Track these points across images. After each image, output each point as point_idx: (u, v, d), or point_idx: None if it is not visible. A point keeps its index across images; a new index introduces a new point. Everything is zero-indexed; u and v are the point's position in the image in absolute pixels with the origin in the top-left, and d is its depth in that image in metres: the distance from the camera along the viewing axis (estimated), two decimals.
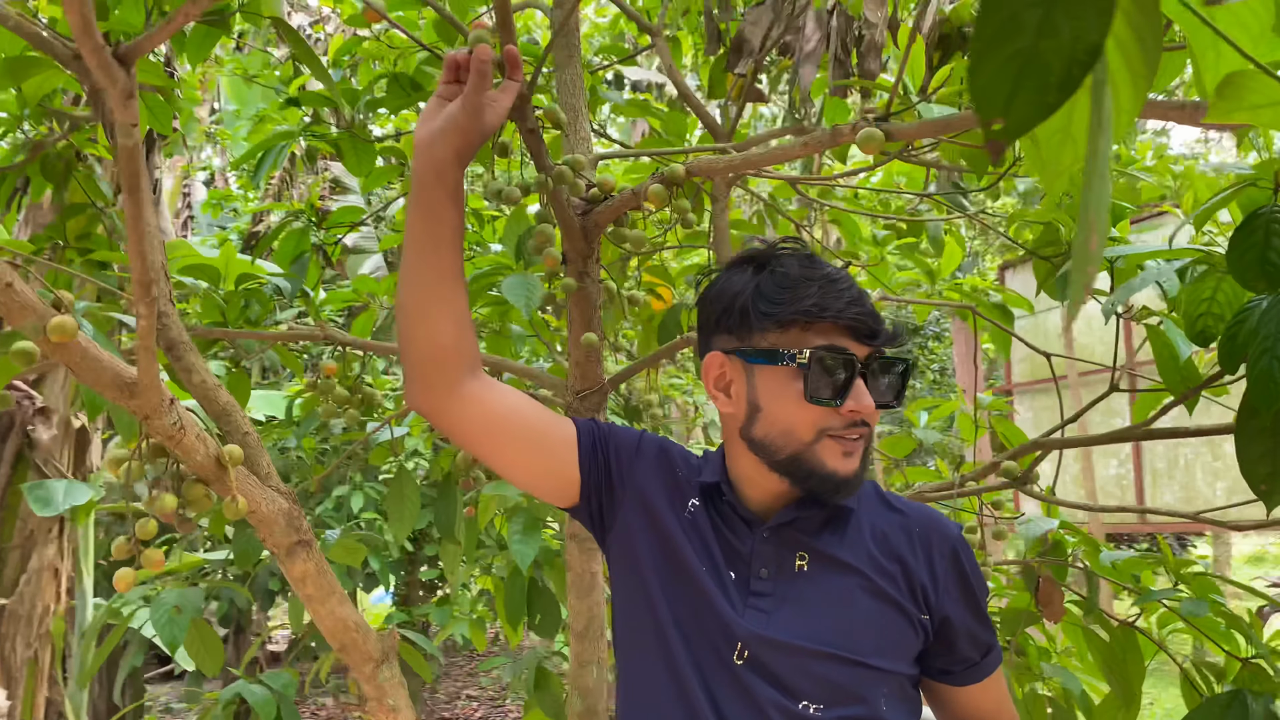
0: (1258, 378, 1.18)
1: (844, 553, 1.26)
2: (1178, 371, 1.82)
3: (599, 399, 1.73)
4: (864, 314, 1.19)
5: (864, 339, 1.20)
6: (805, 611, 1.23)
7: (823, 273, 1.22)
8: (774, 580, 1.25)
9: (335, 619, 1.41)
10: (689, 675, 1.23)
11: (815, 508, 1.26)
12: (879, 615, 1.24)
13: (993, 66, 0.49)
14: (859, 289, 1.23)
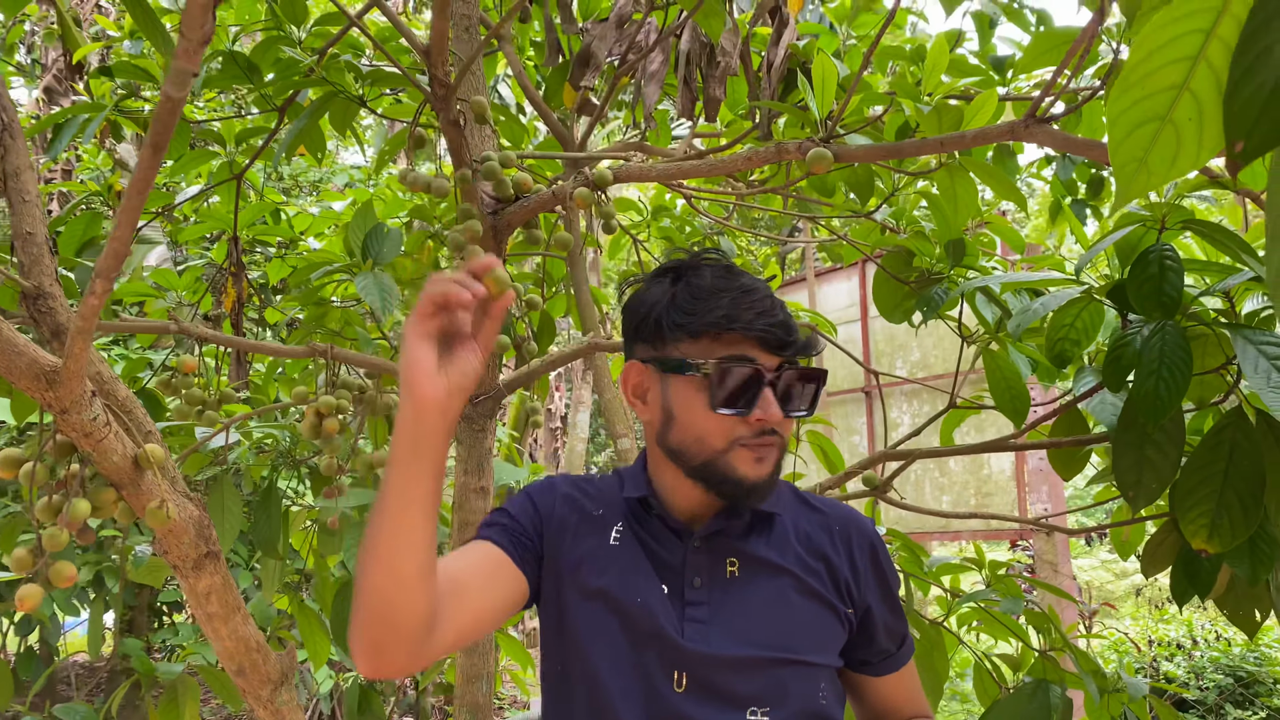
0: (1143, 396, 1.34)
1: (773, 555, 1.29)
2: (1010, 394, 2.02)
3: (493, 404, 1.68)
4: (773, 325, 1.21)
5: (774, 350, 1.22)
6: (742, 616, 1.26)
7: (738, 284, 1.23)
8: (707, 588, 1.27)
9: (237, 639, 1.29)
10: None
11: (742, 514, 1.29)
12: (811, 612, 1.29)
13: (1245, 95, 0.54)
14: (773, 300, 1.24)
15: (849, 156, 1.28)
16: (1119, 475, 1.47)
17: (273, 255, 3.54)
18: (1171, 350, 1.34)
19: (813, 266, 7.19)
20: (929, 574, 2.35)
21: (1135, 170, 0.77)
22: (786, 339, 1.21)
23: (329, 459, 1.73)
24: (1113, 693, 2.19)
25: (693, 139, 2.84)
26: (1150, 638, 7.81)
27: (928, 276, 1.91)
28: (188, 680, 2.28)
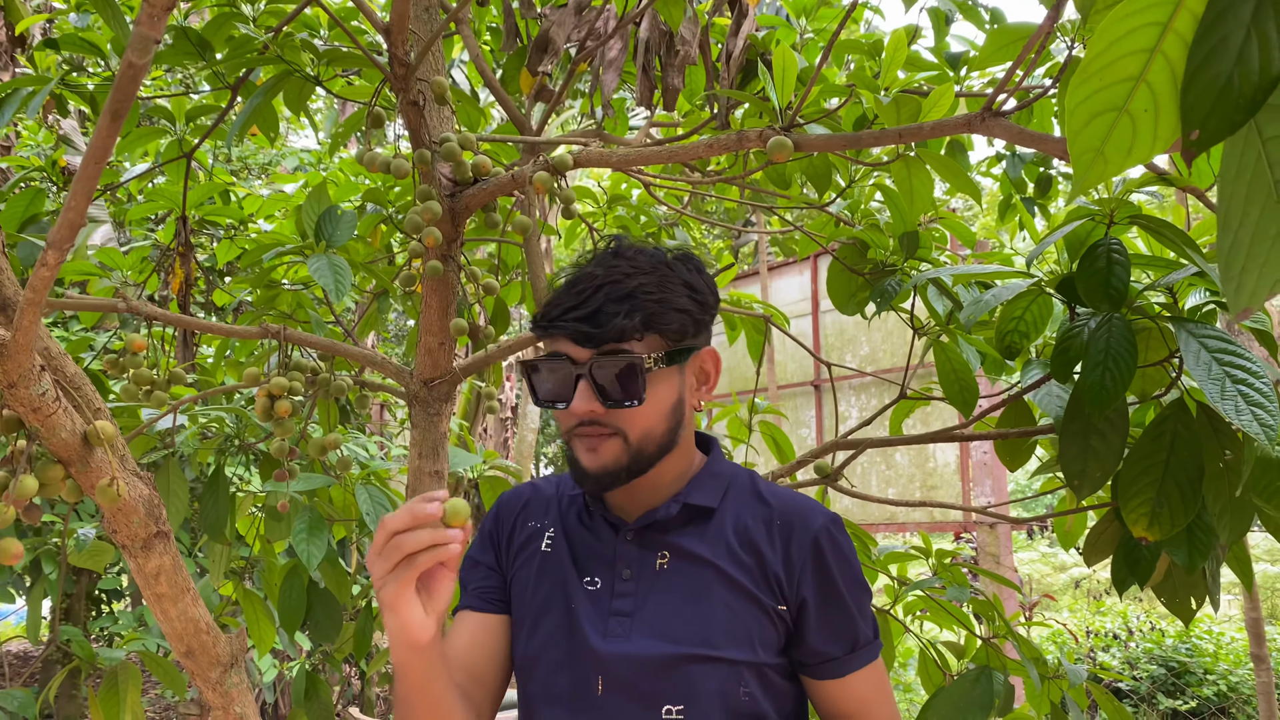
0: (1090, 386, 1.38)
1: (701, 548, 1.29)
2: (959, 385, 2.05)
3: (448, 388, 1.67)
4: (577, 319, 1.20)
5: (583, 343, 1.21)
6: (663, 610, 1.26)
7: (578, 275, 1.25)
8: (636, 580, 1.28)
9: (186, 620, 1.27)
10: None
11: (671, 506, 1.30)
12: (733, 607, 1.27)
13: (1200, 85, 0.56)
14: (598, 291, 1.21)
15: (809, 145, 1.30)
16: (1065, 464, 1.51)
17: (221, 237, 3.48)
18: (1117, 342, 1.37)
19: (765, 260, 7.24)
20: (876, 563, 2.39)
21: (1092, 159, 0.79)
22: (592, 331, 1.19)
23: (280, 442, 1.71)
24: (1053, 679, 2.24)
25: (650, 128, 2.85)
26: (1088, 629, 7.99)
27: (882, 268, 1.94)
28: (129, 667, 2.24)
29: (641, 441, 1.25)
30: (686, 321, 1.25)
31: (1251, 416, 1.27)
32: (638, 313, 1.20)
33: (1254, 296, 0.57)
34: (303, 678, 2.44)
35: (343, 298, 1.83)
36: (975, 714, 2.06)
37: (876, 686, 1.31)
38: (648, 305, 1.21)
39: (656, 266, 1.26)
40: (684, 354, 1.26)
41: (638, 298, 1.21)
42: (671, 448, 1.28)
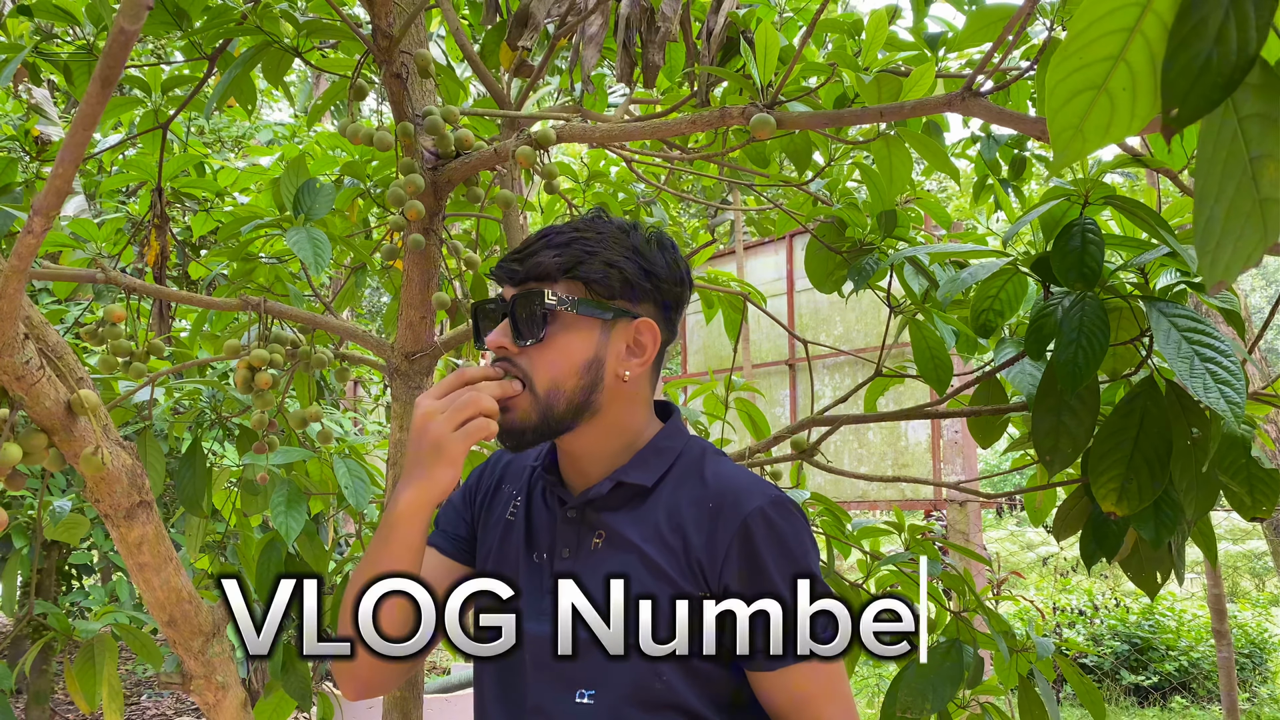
0: (1063, 364, 1.40)
1: (632, 530, 1.24)
2: (934, 363, 2.08)
3: (429, 362, 1.68)
4: (511, 260, 1.23)
5: (509, 282, 1.24)
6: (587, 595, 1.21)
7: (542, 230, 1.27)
8: (573, 560, 1.26)
9: (169, 589, 1.28)
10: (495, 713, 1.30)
11: (604, 485, 1.27)
12: (650, 591, 1.20)
13: (1180, 64, 0.58)
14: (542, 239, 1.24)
15: (791, 123, 1.31)
16: (1037, 440, 1.54)
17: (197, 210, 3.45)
18: (1090, 321, 1.40)
19: (740, 240, 7.25)
20: (850, 537, 2.42)
21: (1071, 136, 0.81)
22: (516, 269, 1.22)
23: (259, 414, 1.71)
24: (1021, 652, 2.28)
25: (629, 105, 2.85)
26: (1054, 605, 8.13)
27: (860, 247, 1.96)
28: (106, 639, 2.23)
29: (549, 395, 1.21)
30: (616, 278, 1.21)
31: (1219, 394, 1.30)
32: (562, 257, 1.20)
33: (1228, 270, 0.59)
34: (280, 650, 2.44)
35: (322, 271, 1.83)
36: (945, 686, 2.09)
37: (822, 684, 1.19)
38: (577, 253, 1.21)
39: (611, 230, 1.24)
40: (607, 310, 1.22)
41: (572, 247, 1.21)
42: (585, 410, 1.23)
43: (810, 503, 2.42)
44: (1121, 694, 8.14)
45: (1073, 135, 0.80)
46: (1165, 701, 8.00)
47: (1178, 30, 0.58)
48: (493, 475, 1.39)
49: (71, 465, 1.15)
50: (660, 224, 3.09)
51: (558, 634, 1.20)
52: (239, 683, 1.35)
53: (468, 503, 1.40)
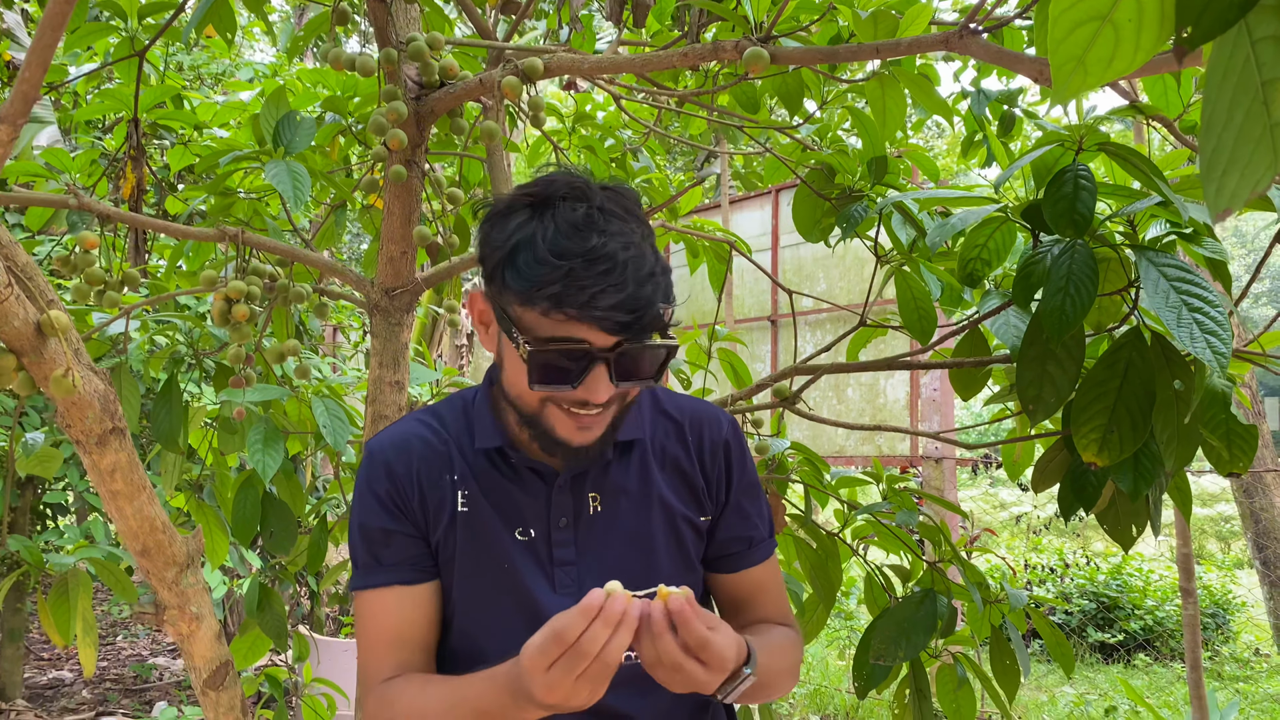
0: (1050, 312, 1.39)
1: (632, 482, 1.29)
2: (918, 314, 2.07)
3: (410, 298, 1.65)
4: (611, 309, 1.08)
5: (613, 331, 1.11)
6: (608, 553, 1.27)
7: (585, 248, 1.09)
8: (572, 528, 1.27)
9: (142, 518, 1.26)
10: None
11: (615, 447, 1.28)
12: (673, 533, 1.30)
13: None
14: (628, 268, 1.10)
15: (785, 58, 1.28)
16: (1021, 389, 1.54)
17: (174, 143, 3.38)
18: (1080, 268, 1.39)
19: (726, 193, 7.21)
20: (828, 487, 2.43)
21: (1073, 70, 0.79)
22: (628, 320, 1.09)
23: (236, 348, 1.69)
24: (994, 604, 2.30)
25: (618, 46, 2.80)
26: (1025, 563, 8.24)
27: (848, 194, 1.93)
28: (79, 573, 2.22)
29: (624, 412, 1.23)
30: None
31: (1205, 344, 1.30)
32: (664, 299, 1.14)
33: (1234, 198, 0.58)
34: (255, 589, 2.44)
35: (302, 205, 1.79)
36: (919, 634, 2.11)
37: (773, 572, 1.41)
38: (666, 288, 1.15)
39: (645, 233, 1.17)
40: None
41: (658, 279, 1.13)
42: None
43: (790, 452, 2.43)
44: (1087, 651, 8.29)
45: (1074, 68, 0.78)
46: (1129, 659, 8.16)
47: None
48: (412, 482, 1.28)
49: (42, 389, 1.12)
50: (645, 171, 3.06)
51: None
52: (213, 614, 1.34)
53: (399, 514, 1.28)
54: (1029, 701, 6.32)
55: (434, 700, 1.18)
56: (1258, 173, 0.56)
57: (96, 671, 7.43)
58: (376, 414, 1.69)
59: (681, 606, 1.03)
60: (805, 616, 2.52)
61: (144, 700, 6.61)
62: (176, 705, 6.39)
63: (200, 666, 1.35)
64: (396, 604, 1.26)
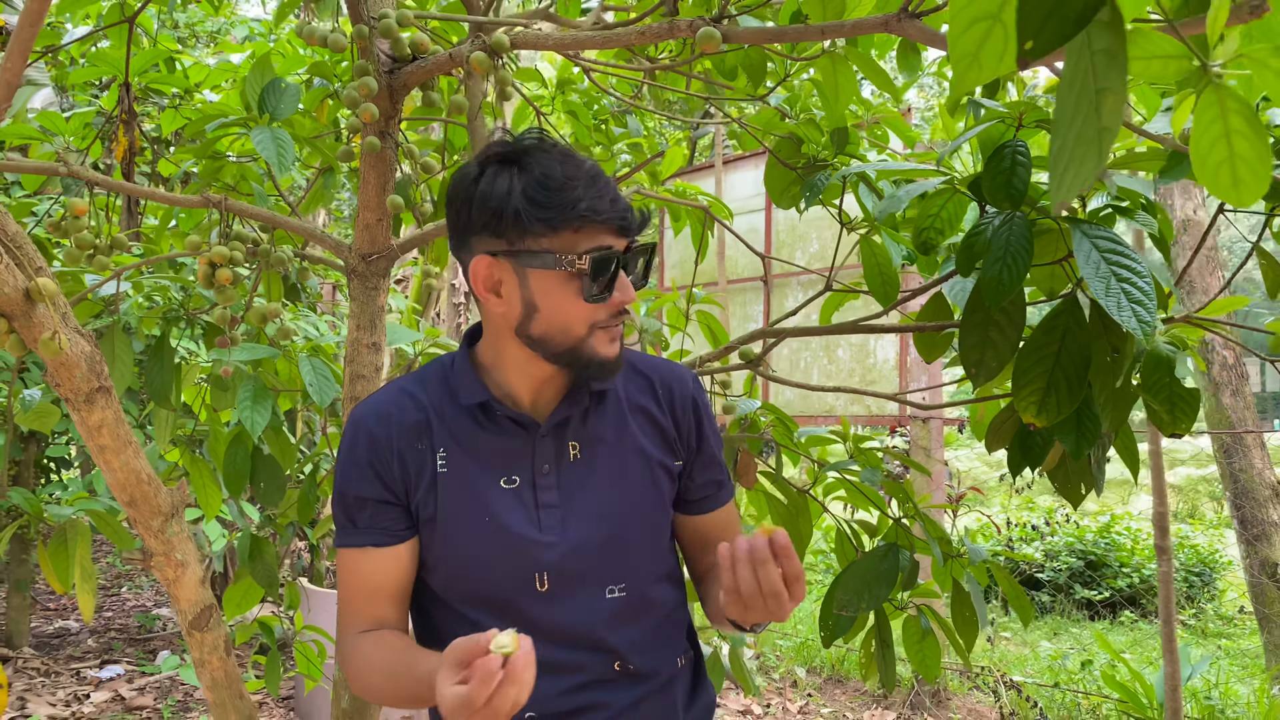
0: (989, 280, 1.47)
1: (609, 431, 1.41)
2: (882, 279, 2.14)
3: (385, 263, 1.73)
4: (626, 211, 1.27)
5: (624, 234, 1.28)
6: (589, 497, 1.37)
7: (583, 171, 1.26)
8: (555, 474, 1.37)
9: (129, 470, 1.35)
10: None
11: (581, 398, 1.39)
12: (649, 479, 1.42)
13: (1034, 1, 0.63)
14: (613, 183, 1.29)
15: (736, 37, 1.34)
16: (964, 353, 1.62)
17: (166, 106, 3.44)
18: (1017, 240, 1.46)
19: (721, 154, 7.23)
20: (799, 445, 2.51)
21: (969, 64, 0.86)
22: (632, 221, 1.28)
23: (222, 310, 1.76)
24: (955, 558, 2.39)
25: (602, 11, 2.84)
26: (1008, 520, 8.36)
27: (813, 163, 2.00)
28: (77, 523, 2.32)
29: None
30: None
31: (1131, 313, 1.37)
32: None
33: (1069, 191, 0.65)
34: (247, 540, 2.54)
35: (287, 171, 1.86)
36: (880, 586, 2.20)
37: (734, 511, 1.57)
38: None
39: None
40: None
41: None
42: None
43: (761, 411, 2.51)
44: (1074, 608, 8.43)
45: (970, 63, 0.85)
46: (1115, 615, 8.30)
47: None
48: (390, 450, 1.35)
49: (32, 350, 1.21)
50: (626, 136, 3.11)
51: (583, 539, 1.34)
52: (198, 561, 1.43)
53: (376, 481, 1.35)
54: (1013, 656, 6.47)
55: (382, 664, 1.29)
56: (1087, 170, 0.64)
57: (102, 621, 7.61)
58: (354, 373, 1.77)
59: (786, 541, 1.16)
60: None
61: (148, 649, 6.78)
62: (179, 654, 6.55)
63: (186, 609, 1.45)
64: (370, 562, 1.36)
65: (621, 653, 1.37)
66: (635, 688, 1.38)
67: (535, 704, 1.33)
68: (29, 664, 6.19)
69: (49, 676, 5.99)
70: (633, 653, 1.38)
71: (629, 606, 1.38)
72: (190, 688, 5.93)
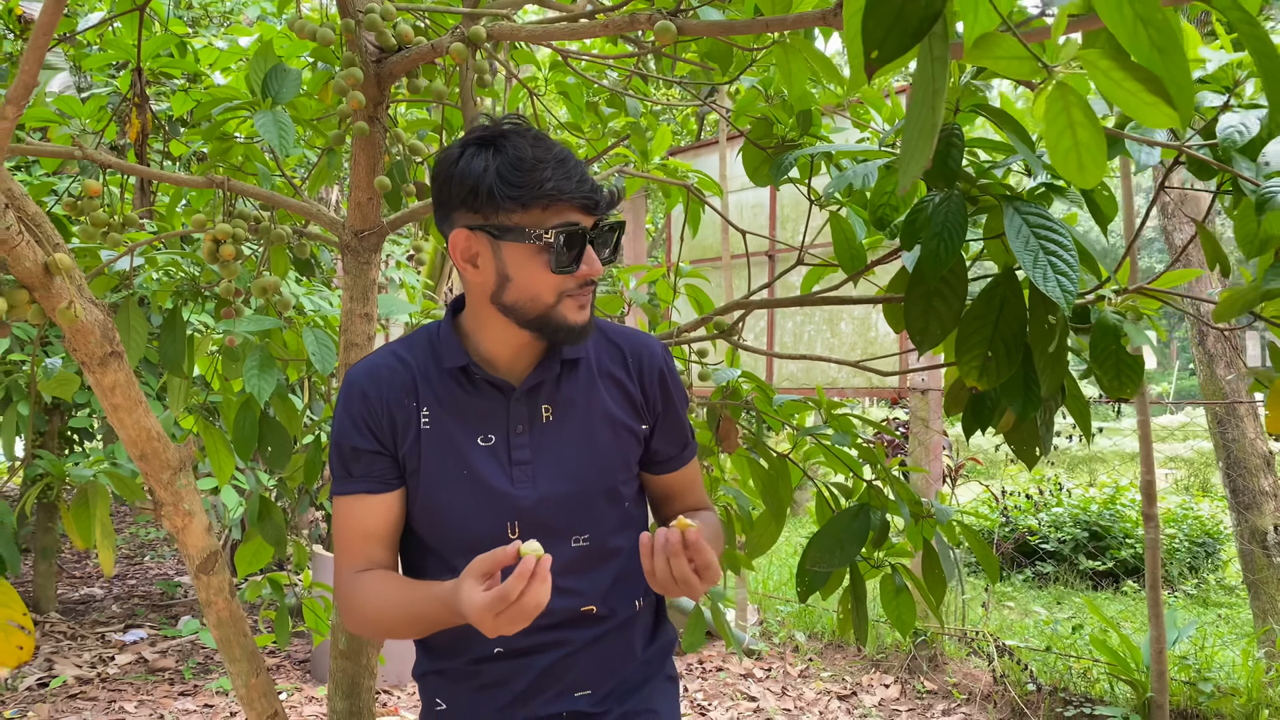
0: (929, 254, 1.59)
1: (579, 395, 1.54)
2: (850, 252, 2.26)
3: (376, 239, 1.86)
4: (592, 190, 1.40)
5: (591, 211, 1.41)
6: (559, 455, 1.51)
7: (552, 154, 1.38)
8: (528, 433, 1.51)
9: (140, 428, 1.49)
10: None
11: (554, 364, 1.53)
12: (615, 439, 1.56)
13: (877, 18, 0.75)
14: (581, 165, 1.41)
15: (691, 30, 1.46)
16: (909, 322, 1.74)
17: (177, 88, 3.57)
18: (953, 217, 1.57)
19: (725, 130, 7.32)
20: (778, 411, 2.64)
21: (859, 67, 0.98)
22: (600, 199, 1.41)
23: (226, 283, 1.90)
24: (925, 518, 2.52)
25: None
26: (1004, 489, 8.45)
27: (783, 144, 2.12)
28: (97, 485, 2.48)
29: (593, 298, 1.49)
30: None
31: (1056, 283, 1.49)
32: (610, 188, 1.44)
33: (911, 176, 0.78)
34: (256, 502, 2.69)
35: (289, 152, 1.99)
36: (852, 544, 2.33)
37: (697, 469, 1.72)
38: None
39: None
40: None
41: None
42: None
43: (741, 379, 2.64)
44: (1077, 578, 8.54)
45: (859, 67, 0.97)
46: (1118, 585, 8.41)
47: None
48: (381, 406, 1.49)
49: (51, 319, 1.35)
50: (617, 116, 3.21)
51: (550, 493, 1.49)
52: (203, 511, 1.58)
53: (368, 433, 1.49)
54: (1015, 624, 6.60)
55: (389, 595, 1.44)
56: (921, 159, 0.76)
57: (125, 588, 7.84)
58: (348, 342, 1.91)
59: (698, 538, 1.33)
60: (756, 531, 2.74)
61: (170, 614, 7.00)
62: (200, 619, 6.77)
63: (194, 555, 1.60)
64: (363, 508, 1.51)
65: (584, 596, 1.51)
66: (595, 628, 1.53)
67: (503, 639, 1.48)
68: (56, 628, 6.42)
69: (75, 639, 6.22)
70: (594, 597, 1.52)
71: (592, 555, 1.53)
72: (210, 650, 6.15)
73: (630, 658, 1.60)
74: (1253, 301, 1.89)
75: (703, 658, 6.06)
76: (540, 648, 1.50)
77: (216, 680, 5.59)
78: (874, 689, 5.51)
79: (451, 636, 1.53)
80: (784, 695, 5.44)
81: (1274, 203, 1.59)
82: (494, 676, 1.52)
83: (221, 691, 5.43)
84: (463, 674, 1.55)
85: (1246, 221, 1.74)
